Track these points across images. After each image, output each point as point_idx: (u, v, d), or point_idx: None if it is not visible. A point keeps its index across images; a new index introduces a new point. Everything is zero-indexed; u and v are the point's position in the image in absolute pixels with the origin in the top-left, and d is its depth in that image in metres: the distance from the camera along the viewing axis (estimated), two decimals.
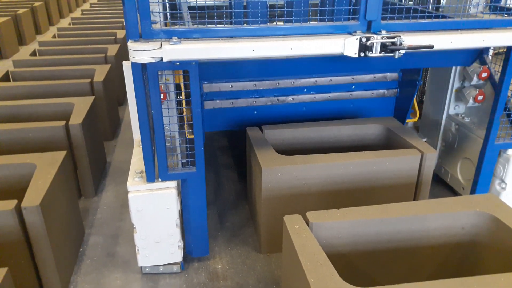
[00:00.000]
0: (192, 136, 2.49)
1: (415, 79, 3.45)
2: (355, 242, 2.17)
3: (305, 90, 3.57)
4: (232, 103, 3.45)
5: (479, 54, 3.05)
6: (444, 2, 3.46)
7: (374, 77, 3.62)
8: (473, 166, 3.25)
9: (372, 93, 3.71)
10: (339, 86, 3.63)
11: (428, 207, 2.22)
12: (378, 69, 3.53)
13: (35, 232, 2.46)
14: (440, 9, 3.44)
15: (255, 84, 3.38)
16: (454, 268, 2.33)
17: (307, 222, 2.07)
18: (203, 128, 2.71)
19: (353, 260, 2.22)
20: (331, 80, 3.53)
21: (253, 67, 2.82)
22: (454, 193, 3.63)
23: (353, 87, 3.65)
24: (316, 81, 3.51)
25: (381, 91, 3.71)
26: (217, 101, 3.43)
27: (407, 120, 3.68)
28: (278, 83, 3.43)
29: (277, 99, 3.53)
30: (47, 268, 2.58)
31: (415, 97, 3.50)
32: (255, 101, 3.49)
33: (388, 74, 3.64)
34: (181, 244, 2.77)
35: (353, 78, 3.58)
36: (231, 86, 3.35)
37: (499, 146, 3.04)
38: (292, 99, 3.56)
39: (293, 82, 3.48)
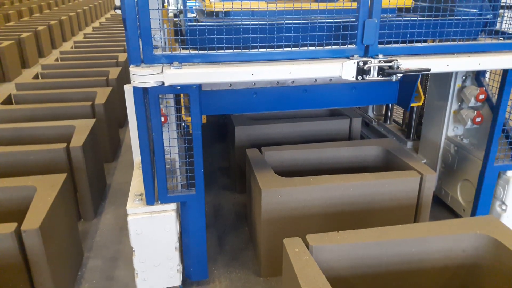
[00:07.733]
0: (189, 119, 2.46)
1: None
2: (355, 265, 2.16)
3: None
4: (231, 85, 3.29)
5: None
6: None
7: None
8: (473, 187, 3.25)
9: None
10: None
11: (429, 229, 2.21)
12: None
13: (34, 256, 2.45)
14: None
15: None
16: None
17: (307, 245, 2.06)
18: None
19: (353, 283, 2.20)
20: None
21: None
22: (455, 214, 3.62)
23: None
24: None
25: None
26: None
27: (412, 104, 3.59)
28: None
29: (277, 82, 3.37)
30: None
31: (418, 80, 3.46)
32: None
33: None
34: (180, 267, 2.75)
35: None
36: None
37: (498, 168, 3.05)
38: (293, 82, 3.40)
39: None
